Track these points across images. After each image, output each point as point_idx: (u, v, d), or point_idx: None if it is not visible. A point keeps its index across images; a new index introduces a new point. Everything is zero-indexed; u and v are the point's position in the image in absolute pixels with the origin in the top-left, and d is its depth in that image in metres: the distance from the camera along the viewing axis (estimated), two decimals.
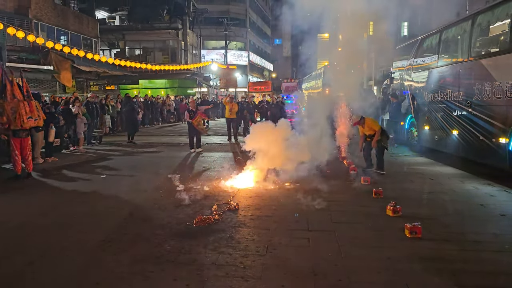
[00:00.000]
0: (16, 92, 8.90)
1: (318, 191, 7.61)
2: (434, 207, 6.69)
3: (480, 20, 9.34)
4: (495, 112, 8.50)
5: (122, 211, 6.56)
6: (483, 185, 8.18)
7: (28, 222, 6.11)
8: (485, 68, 8.84)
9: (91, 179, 9.20)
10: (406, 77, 13.83)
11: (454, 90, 10.22)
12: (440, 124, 11.07)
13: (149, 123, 25.05)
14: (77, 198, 7.55)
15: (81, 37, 27.08)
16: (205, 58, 46.26)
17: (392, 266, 4.40)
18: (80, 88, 24.81)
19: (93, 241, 5.21)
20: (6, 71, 9.02)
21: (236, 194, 7.49)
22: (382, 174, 9.21)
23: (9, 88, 8.82)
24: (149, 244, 5.07)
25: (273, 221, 5.98)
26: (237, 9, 54.57)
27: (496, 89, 8.40)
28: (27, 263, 4.56)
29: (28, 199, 7.63)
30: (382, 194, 7.24)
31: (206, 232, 5.47)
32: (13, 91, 8.85)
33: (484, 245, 5.01)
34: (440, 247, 4.94)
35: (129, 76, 29.45)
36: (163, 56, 37.23)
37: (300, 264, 4.45)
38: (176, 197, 7.25)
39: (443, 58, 11.28)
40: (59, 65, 20.77)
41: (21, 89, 9.06)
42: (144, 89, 34.18)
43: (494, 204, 6.83)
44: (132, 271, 4.32)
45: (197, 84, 37.49)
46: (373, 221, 5.96)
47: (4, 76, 8.88)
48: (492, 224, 5.83)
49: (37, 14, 22.56)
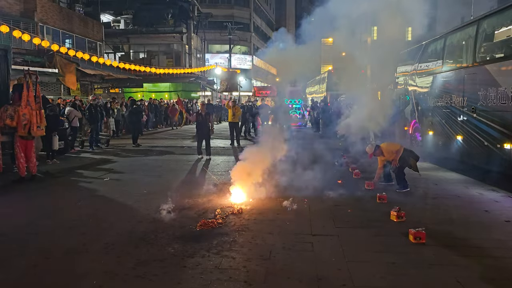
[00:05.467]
0: (31, 99, 8.99)
1: (321, 196, 7.60)
2: (438, 213, 6.66)
3: (485, 25, 9.33)
4: (500, 117, 8.47)
5: (125, 214, 6.57)
6: (488, 191, 8.15)
7: (32, 224, 6.12)
8: (490, 74, 8.82)
9: (94, 182, 9.22)
10: (410, 82, 13.82)
11: (459, 96, 10.20)
12: (444, 130, 11.05)
13: (152, 126, 25.08)
14: (80, 201, 7.56)
15: (86, 40, 27.24)
16: (209, 62, 46.35)
17: (396, 271, 4.39)
18: (85, 91, 24.91)
19: (97, 244, 5.22)
20: (26, 75, 9.10)
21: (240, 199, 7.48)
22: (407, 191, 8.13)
23: (25, 93, 8.92)
24: (152, 247, 5.07)
25: (276, 225, 5.97)
26: (241, 13, 54.72)
27: (501, 95, 8.38)
28: (31, 266, 4.57)
29: (32, 201, 7.65)
30: (386, 199, 7.23)
31: (210, 236, 5.47)
32: (28, 98, 8.94)
33: (488, 251, 4.98)
34: (444, 252, 4.92)
35: (133, 80, 29.56)
36: (167, 59, 37.39)
37: (304, 269, 4.45)
38: (180, 200, 7.26)
39: (448, 63, 11.26)
40: (64, 68, 20.88)
41: (35, 96, 9.14)
42: (148, 93, 34.26)
43: (498, 210, 6.80)
44: (135, 274, 4.33)
45: (201, 88, 37.54)
46: (377, 226, 5.94)
47: (24, 80, 9.00)
48: (497, 230, 5.80)
49: (42, 17, 22.70)
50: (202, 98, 35.64)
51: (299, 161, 9.61)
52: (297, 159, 9.71)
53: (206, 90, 39.50)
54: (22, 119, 8.90)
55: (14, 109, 8.89)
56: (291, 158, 9.35)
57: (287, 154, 9.06)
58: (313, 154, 11.78)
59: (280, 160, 8.83)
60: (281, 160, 8.89)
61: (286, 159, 9.09)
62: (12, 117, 8.86)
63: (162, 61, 36.57)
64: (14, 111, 8.88)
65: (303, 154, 11.25)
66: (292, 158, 9.44)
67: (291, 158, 9.34)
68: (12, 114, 8.87)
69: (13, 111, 8.88)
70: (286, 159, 9.05)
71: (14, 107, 8.92)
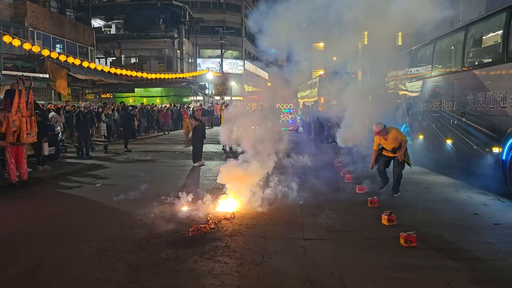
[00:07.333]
0: (22, 105, 8.93)
1: (313, 200, 7.64)
2: (428, 216, 6.72)
3: (473, 31, 9.47)
4: (489, 121, 8.59)
5: (117, 220, 6.54)
6: (477, 194, 8.25)
7: (23, 231, 6.08)
8: (478, 78, 8.95)
9: (86, 188, 9.19)
10: (400, 87, 13.96)
11: (448, 100, 10.33)
12: (434, 134, 11.17)
13: (144, 131, 24.99)
14: (72, 207, 7.54)
15: (77, 45, 27.15)
16: (201, 67, 46.42)
17: (388, 275, 4.43)
18: (76, 96, 24.81)
19: (90, 249, 5.21)
20: (19, 81, 9.04)
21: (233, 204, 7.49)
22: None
23: (16, 100, 8.85)
24: (145, 253, 5.07)
25: (268, 229, 6.00)
26: (233, 18, 54.92)
27: (489, 99, 8.50)
28: (23, 273, 4.54)
29: (23, 207, 7.59)
30: (377, 203, 7.28)
31: (202, 241, 5.47)
32: (19, 104, 8.87)
33: (478, 254, 5.05)
34: (434, 256, 4.98)
35: (125, 85, 29.50)
36: (158, 64, 37.38)
37: (296, 273, 4.47)
38: (172, 206, 7.26)
39: (437, 68, 11.40)
40: (55, 73, 20.79)
41: (26, 102, 9.08)
42: (139, 98, 34.18)
43: (487, 213, 6.89)
44: (128, 280, 4.32)
45: (192, 93, 37.56)
46: (369, 230, 5.99)
47: (16, 86, 8.93)
48: (486, 233, 5.88)
49: (33, 22, 22.61)
50: (194, 103, 35.63)
51: (291, 165, 9.67)
52: (290, 163, 9.77)
53: (198, 95, 39.51)
54: (11, 125, 8.82)
55: (3, 115, 8.81)
56: (284, 162, 9.39)
57: (280, 159, 9.10)
58: (306, 158, 11.85)
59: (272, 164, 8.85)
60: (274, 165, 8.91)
61: (279, 164, 9.12)
62: (1, 123, 8.79)
63: (154, 66, 36.55)
64: (4, 117, 8.80)
65: (296, 158, 11.33)
66: (285, 163, 9.49)
67: (284, 163, 9.38)
68: (1, 120, 8.80)
69: (3, 117, 8.80)
70: (278, 163, 9.07)
71: (4, 113, 8.84)
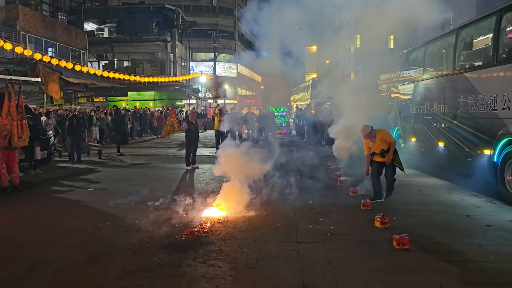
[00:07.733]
0: (12, 109, 8.85)
1: (306, 203, 7.66)
2: (421, 218, 6.77)
3: (463, 34, 9.56)
4: (480, 124, 8.67)
5: (110, 224, 6.52)
6: (469, 196, 8.30)
7: (15, 236, 6.03)
8: (469, 81, 9.03)
9: (78, 192, 9.13)
10: (392, 90, 14.04)
11: (440, 103, 10.41)
12: (426, 136, 11.25)
13: (137, 135, 24.93)
14: (64, 211, 7.49)
15: (69, 49, 27.05)
16: (194, 70, 46.35)
17: (381, 277, 4.45)
18: (68, 100, 24.69)
19: (82, 254, 5.18)
20: (8, 85, 8.96)
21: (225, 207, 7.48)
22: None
23: (6, 103, 8.77)
24: (138, 257, 5.05)
25: (261, 233, 6.00)
26: (226, 21, 54.94)
27: (480, 102, 8.58)
28: (15, 278, 4.51)
29: (15, 212, 7.53)
30: (370, 206, 7.31)
31: (196, 245, 5.46)
32: (9, 108, 8.80)
33: (470, 255, 5.08)
34: (427, 258, 5.01)
35: (118, 88, 29.40)
36: (151, 68, 37.29)
37: (290, 276, 4.48)
38: (165, 210, 7.24)
39: (429, 71, 11.48)
40: (47, 77, 20.69)
41: (17, 105, 9.01)
42: (132, 101, 34.12)
43: (479, 215, 6.94)
44: (122, 285, 4.30)
45: (186, 96, 37.55)
46: (362, 232, 6.01)
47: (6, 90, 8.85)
48: (478, 235, 5.92)
49: (25, 25, 22.50)
50: (187, 107, 35.60)
51: (284, 168, 9.68)
52: (283, 166, 9.77)
53: (191, 98, 39.49)
54: (2, 129, 8.74)
55: None
56: (276, 165, 9.38)
57: (273, 161, 9.09)
58: (299, 161, 11.87)
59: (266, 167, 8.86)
60: (267, 167, 8.92)
61: (272, 166, 9.11)
62: None
63: (147, 70, 36.46)
64: None
65: (289, 161, 11.33)
66: (278, 165, 9.48)
67: (276, 165, 9.38)
68: None
69: None
70: (272, 166, 9.07)
71: None
